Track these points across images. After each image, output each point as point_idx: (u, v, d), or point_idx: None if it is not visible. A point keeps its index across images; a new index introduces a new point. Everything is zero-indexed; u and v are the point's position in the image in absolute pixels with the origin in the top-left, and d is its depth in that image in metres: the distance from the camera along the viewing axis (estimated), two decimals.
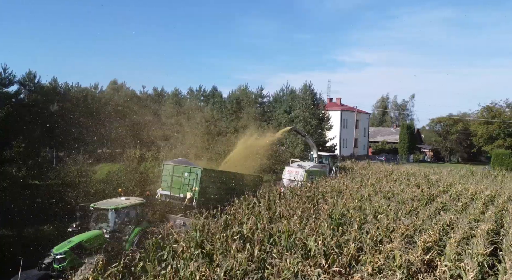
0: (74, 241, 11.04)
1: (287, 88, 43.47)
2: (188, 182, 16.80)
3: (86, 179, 18.63)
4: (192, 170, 16.97)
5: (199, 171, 16.86)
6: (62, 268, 10.33)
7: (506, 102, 63.46)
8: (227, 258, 9.62)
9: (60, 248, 10.72)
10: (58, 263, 10.48)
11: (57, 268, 10.45)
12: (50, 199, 17.95)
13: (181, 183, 16.97)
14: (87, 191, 17.85)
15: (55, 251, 10.67)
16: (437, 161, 63.61)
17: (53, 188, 17.98)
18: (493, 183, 25.75)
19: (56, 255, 10.55)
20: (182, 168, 17.28)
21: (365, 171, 28.25)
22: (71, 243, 10.92)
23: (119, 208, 12.20)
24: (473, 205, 18.05)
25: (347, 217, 14.05)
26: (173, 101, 52.11)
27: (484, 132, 59.61)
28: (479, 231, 12.33)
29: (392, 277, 9.10)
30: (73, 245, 10.82)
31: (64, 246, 10.79)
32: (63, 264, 10.41)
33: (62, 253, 10.55)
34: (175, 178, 17.20)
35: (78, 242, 10.98)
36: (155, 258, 9.48)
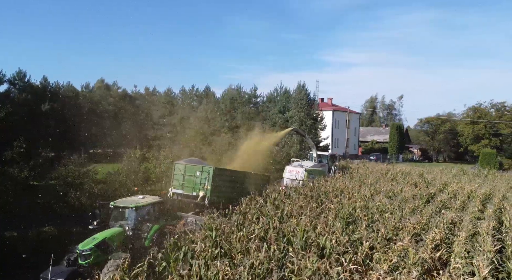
0: (98, 238, 11.37)
1: (280, 88, 43.68)
2: (200, 181, 17.16)
3: (89, 179, 18.47)
4: (204, 169, 17.36)
5: (211, 170, 17.23)
6: (87, 264, 10.77)
7: (491, 103, 65.21)
8: (246, 257, 9.77)
9: (86, 245, 11.07)
10: (84, 259, 10.86)
11: (82, 264, 10.84)
12: (52, 199, 17.75)
13: (193, 182, 17.33)
14: (91, 192, 17.69)
15: (80, 248, 11.00)
16: (425, 161, 64.81)
17: (55, 188, 17.75)
18: (485, 182, 26.49)
19: (82, 252, 10.89)
20: (194, 167, 17.65)
21: (361, 171, 28.70)
22: (95, 240, 11.25)
23: (140, 206, 12.51)
24: (471, 204, 18.59)
25: (353, 216, 14.32)
26: (165, 101, 51.77)
27: (470, 132, 61.04)
28: (484, 229, 12.72)
29: (409, 274, 9.35)
30: (98, 242, 11.17)
31: (89, 243, 11.12)
32: (89, 260, 10.83)
33: (88, 250, 10.92)
34: (187, 177, 17.56)
35: (102, 239, 11.33)
36: (178, 258, 9.53)
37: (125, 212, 12.60)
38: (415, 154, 67.42)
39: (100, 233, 11.75)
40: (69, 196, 17.55)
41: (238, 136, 40.81)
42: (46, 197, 17.42)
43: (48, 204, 17.35)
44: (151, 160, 22.15)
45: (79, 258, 10.97)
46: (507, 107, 64.33)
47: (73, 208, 17.58)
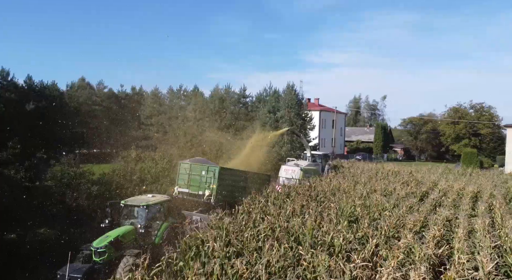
0: (111, 236, 11.64)
1: (269, 88, 43.98)
2: (205, 180, 17.54)
3: (86, 180, 18.26)
4: (209, 168, 17.79)
5: (217, 169, 17.67)
6: (102, 261, 11.08)
7: (470, 104, 67.38)
8: (259, 256, 9.95)
9: (100, 242, 11.32)
10: (99, 256, 11.14)
11: (97, 261, 11.10)
12: (47, 201, 17.46)
13: (199, 181, 17.71)
14: (89, 193, 17.49)
15: (95, 245, 11.25)
16: (408, 160, 66.32)
17: (51, 190, 17.46)
18: (470, 180, 27.43)
19: (97, 249, 11.15)
20: (200, 166, 18.06)
21: (353, 170, 29.26)
22: (109, 238, 11.51)
23: (151, 204, 12.78)
24: (462, 201, 19.28)
25: (354, 215, 14.68)
26: (153, 101, 51.31)
27: (451, 132, 62.95)
28: (481, 226, 13.27)
29: (418, 270, 9.70)
30: (111, 240, 11.45)
31: (104, 241, 11.38)
32: (104, 257, 11.13)
33: (103, 247, 11.18)
34: (192, 176, 17.91)
35: (115, 237, 11.61)
36: (194, 257, 9.63)
37: (135, 211, 12.90)
38: (398, 153, 68.92)
39: (113, 231, 12.00)
40: (67, 197, 17.30)
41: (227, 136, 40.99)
42: (41, 198, 17.12)
43: (44, 206, 17.04)
44: (147, 160, 22.00)
45: (93, 255, 11.22)
46: (485, 108, 66.67)
47: (70, 209, 17.34)
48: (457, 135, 62.81)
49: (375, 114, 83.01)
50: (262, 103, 43.28)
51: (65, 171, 18.12)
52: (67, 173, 18.23)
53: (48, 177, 18.31)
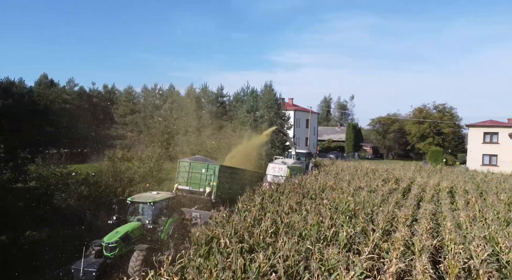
0: (120, 231, 11.91)
1: (247, 88, 44.31)
2: (206, 178, 18.09)
3: (74, 180, 17.78)
4: (209, 166, 18.37)
5: (217, 167, 18.31)
6: (113, 255, 11.39)
7: (434, 104, 70.85)
8: (272, 250, 10.29)
9: (111, 238, 11.59)
10: (110, 251, 11.41)
11: (109, 256, 11.39)
12: (34, 202, 16.91)
13: (199, 178, 18.22)
14: (79, 193, 17.07)
15: (106, 241, 11.51)
16: (377, 158, 68.76)
17: (38, 191, 16.87)
18: (443, 177, 29.09)
19: (108, 244, 11.43)
20: (199, 165, 18.60)
21: (333, 168, 30.19)
22: (119, 234, 11.77)
23: (157, 201, 13.04)
24: (441, 196, 20.51)
25: (349, 210, 15.32)
26: (127, 99, 50.14)
27: (417, 131, 65.95)
28: (466, 218, 14.30)
29: (421, 260, 10.40)
30: (121, 235, 11.73)
31: (114, 236, 11.65)
32: (114, 252, 11.42)
33: (114, 242, 11.45)
34: (192, 174, 18.41)
35: (125, 233, 11.88)
36: (215, 253, 9.81)
37: (142, 207, 13.19)
38: (367, 152, 71.33)
39: (122, 227, 12.27)
40: (55, 198, 16.81)
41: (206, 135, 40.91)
42: (29, 200, 16.54)
43: (31, 207, 16.49)
44: (134, 160, 21.67)
45: (104, 250, 11.44)
46: (447, 108, 70.36)
47: (58, 211, 16.87)
48: (422, 134, 65.83)
49: (345, 114, 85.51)
50: (240, 102, 43.51)
51: (52, 171, 17.57)
52: (53, 173, 17.67)
53: (32, 177, 17.67)
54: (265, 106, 36.66)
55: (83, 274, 10.66)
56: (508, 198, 19.81)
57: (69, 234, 15.97)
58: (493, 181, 28.64)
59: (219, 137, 38.88)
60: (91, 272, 10.70)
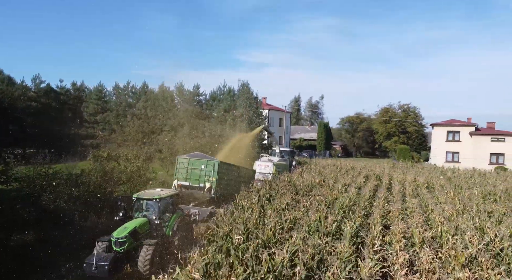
0: (129, 227, 12.20)
1: (224, 87, 44.29)
2: (205, 174, 18.53)
3: (61, 180, 17.14)
4: (209, 162, 18.83)
5: (216, 163, 18.76)
6: (122, 250, 11.70)
7: (399, 104, 74.01)
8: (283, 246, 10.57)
9: (120, 233, 11.89)
10: (119, 246, 11.70)
11: (118, 250, 11.66)
12: (17, 204, 16.13)
13: (198, 174, 18.65)
14: (69, 194, 16.48)
15: (115, 236, 11.81)
16: (346, 156, 70.85)
17: (22, 192, 16.08)
18: (416, 173, 30.60)
19: (117, 239, 11.72)
20: (198, 161, 19.00)
21: (314, 166, 30.92)
22: (127, 229, 12.06)
23: (163, 198, 13.30)
24: (420, 191, 21.64)
25: (345, 206, 15.88)
26: (97, 98, 48.51)
27: (383, 130, 68.66)
28: (453, 211, 15.26)
29: (423, 250, 11.05)
30: (130, 231, 12.05)
31: (123, 232, 11.97)
32: (124, 247, 11.72)
33: (123, 237, 11.75)
34: (191, 170, 18.85)
35: (133, 228, 12.18)
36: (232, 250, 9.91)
37: (147, 204, 13.41)
38: (337, 150, 73.31)
39: (130, 223, 12.54)
40: (43, 200, 16.14)
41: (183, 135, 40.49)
42: (13, 201, 15.73)
43: (14, 209, 15.71)
44: (121, 159, 21.13)
45: (113, 245, 11.73)
46: (411, 108, 73.75)
47: (46, 212, 16.20)
48: (388, 133, 68.63)
49: (316, 113, 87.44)
50: (217, 101, 43.42)
51: (38, 172, 16.83)
52: (39, 174, 16.94)
53: (15, 178, 16.80)
54: (244, 105, 36.83)
55: (95, 268, 10.94)
56: (482, 192, 21.25)
57: (58, 235, 15.43)
58: (461, 177, 30.52)
59: (197, 136, 38.67)
60: (104, 266, 10.95)
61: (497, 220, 14.85)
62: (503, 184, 26.46)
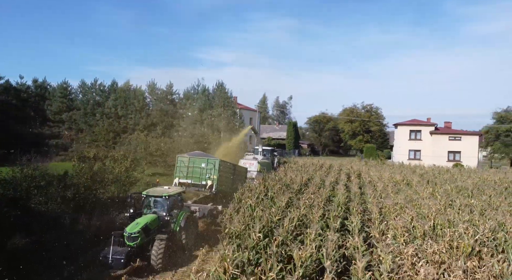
0: (141, 223, 12.72)
1: (197, 86, 43.92)
2: (205, 172, 19.02)
3: (56, 182, 16.38)
4: (209, 161, 19.38)
5: (217, 161, 19.31)
6: (135, 245, 12.29)
7: (362, 105, 77.01)
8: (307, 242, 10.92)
9: (133, 229, 12.40)
10: (132, 241, 12.27)
11: (131, 245, 12.26)
12: (4, 208, 15.25)
13: (199, 172, 19.14)
14: (62, 196, 15.79)
15: (128, 231, 12.35)
16: (314, 155, 72.62)
17: (8, 195, 15.13)
18: (391, 171, 32.14)
19: (130, 234, 12.27)
20: (199, 159, 19.54)
21: (294, 165, 31.59)
22: (139, 225, 12.58)
23: (171, 195, 13.92)
24: (402, 188, 22.82)
25: (342, 203, 16.51)
26: (61, 95, 46.21)
27: (349, 129, 71.16)
28: (441, 206, 16.33)
29: (428, 242, 11.81)
30: (142, 226, 12.57)
31: (136, 227, 12.48)
32: (136, 242, 12.30)
33: (136, 233, 12.29)
34: (191, 168, 19.32)
35: (145, 224, 12.70)
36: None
37: (156, 201, 13.96)
38: (304, 149, 74.96)
39: (141, 219, 13.05)
40: (32, 202, 15.36)
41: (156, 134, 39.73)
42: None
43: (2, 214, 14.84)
44: (108, 160, 20.46)
45: (126, 240, 12.28)
46: (374, 108, 77.01)
47: (36, 216, 15.44)
48: (353, 132, 71.22)
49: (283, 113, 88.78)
50: (191, 100, 42.97)
51: (25, 174, 15.92)
52: (25, 176, 16.03)
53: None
54: (221, 105, 36.78)
55: (111, 261, 11.58)
56: (456, 187, 22.83)
57: (51, 239, 14.78)
58: (429, 173, 32.47)
59: (171, 135, 38.11)
60: (119, 259, 11.60)
61: (479, 213, 16.07)
62: (468, 180, 28.50)
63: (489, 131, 64.44)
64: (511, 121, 63.73)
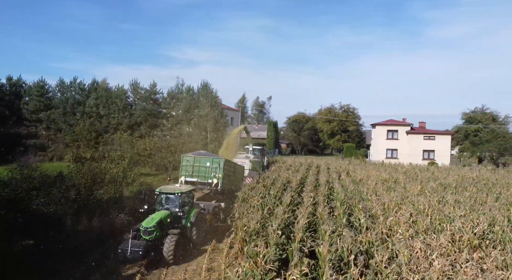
0: (155, 218, 13.44)
1: (181, 85, 43.64)
2: (210, 170, 19.68)
3: (59, 183, 16.07)
4: (214, 160, 20.05)
5: (221, 161, 20.03)
6: (150, 239, 12.98)
7: (340, 105, 78.78)
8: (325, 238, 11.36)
9: (149, 223, 13.13)
10: (148, 235, 13.00)
11: (146, 239, 12.97)
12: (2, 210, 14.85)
13: (204, 171, 19.82)
14: (66, 197, 15.53)
15: (144, 225, 13.08)
16: (293, 154, 73.61)
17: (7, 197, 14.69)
18: (375, 169, 33.26)
19: (146, 229, 12.99)
20: (203, 159, 20.22)
21: (281, 164, 32.12)
22: (154, 220, 13.29)
23: (184, 192, 14.70)
24: (390, 186, 23.75)
25: (344, 201, 17.09)
26: (38, 94, 44.64)
27: (328, 129, 72.63)
28: (434, 203, 17.23)
29: (434, 236, 12.53)
30: (157, 221, 13.29)
31: (151, 222, 13.20)
32: (152, 236, 13.01)
33: (152, 227, 13.03)
34: (196, 167, 20.00)
35: (159, 219, 13.43)
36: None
37: (169, 198, 14.70)
38: (284, 148, 75.82)
39: (155, 214, 13.76)
40: (34, 204, 15.02)
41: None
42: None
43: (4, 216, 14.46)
44: (106, 160, 20.14)
45: (142, 234, 13.01)
46: (351, 108, 78.96)
47: (38, 217, 15.12)
48: (331, 132, 72.77)
49: (262, 112, 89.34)
50: (176, 100, 42.64)
51: (25, 175, 15.51)
52: (25, 177, 15.63)
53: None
54: (208, 105, 36.77)
55: (130, 253, 12.31)
56: (441, 184, 24.01)
57: (54, 241, 14.58)
58: (410, 171, 33.83)
59: (156, 134, 37.75)
60: (138, 251, 12.36)
61: (470, 208, 17.08)
62: (448, 177, 29.97)
63: (458, 131, 67.71)
64: (478, 122, 67.28)
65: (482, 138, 62.50)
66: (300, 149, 75.11)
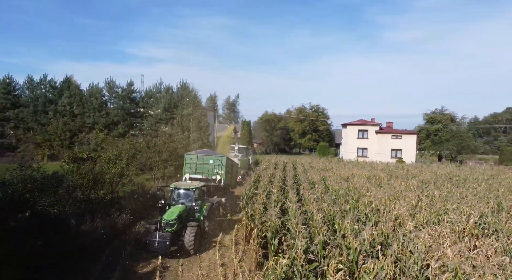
0: (175, 212, 14.21)
1: (160, 84, 43.08)
2: (213, 167, 20.47)
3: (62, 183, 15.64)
4: (217, 158, 20.85)
5: (224, 158, 20.93)
6: (172, 231, 13.74)
7: (310, 105, 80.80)
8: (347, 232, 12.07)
9: (170, 216, 13.92)
10: (170, 227, 13.75)
11: (168, 231, 13.69)
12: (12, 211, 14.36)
13: (207, 168, 20.54)
14: (74, 198, 15.20)
15: (166, 218, 13.85)
16: (265, 153, 74.57)
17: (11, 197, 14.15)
18: (354, 167, 34.73)
19: (168, 222, 13.75)
20: (206, 157, 20.95)
21: (266, 163, 32.78)
22: (174, 214, 14.07)
23: (198, 187, 15.46)
24: (376, 182, 25.07)
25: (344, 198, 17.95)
26: (5, 91, 42.37)
27: (299, 129, 74.30)
28: (425, 197, 18.53)
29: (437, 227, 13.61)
30: (178, 214, 14.08)
31: (172, 215, 13.98)
32: (173, 228, 13.80)
33: (173, 220, 13.82)
34: (200, 165, 20.70)
35: (179, 213, 14.22)
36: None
37: (184, 193, 15.44)
38: (256, 148, 76.61)
39: (174, 208, 14.52)
40: (39, 205, 14.59)
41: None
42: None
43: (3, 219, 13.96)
44: (103, 160, 19.64)
45: (164, 226, 13.69)
46: (321, 108, 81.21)
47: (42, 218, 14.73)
48: (303, 131, 74.51)
49: (233, 112, 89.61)
50: (154, 99, 42.05)
51: (29, 175, 14.94)
52: (30, 178, 15.06)
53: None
54: (191, 104, 36.66)
55: (157, 244, 13.12)
56: (421, 181, 25.65)
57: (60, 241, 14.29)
58: (386, 169, 35.65)
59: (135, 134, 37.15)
60: (165, 242, 13.16)
61: (458, 202, 18.53)
62: (423, 174, 31.93)
63: (421, 131, 71.66)
64: (439, 122, 71.58)
65: (442, 137, 66.53)
66: (272, 149, 76.22)
